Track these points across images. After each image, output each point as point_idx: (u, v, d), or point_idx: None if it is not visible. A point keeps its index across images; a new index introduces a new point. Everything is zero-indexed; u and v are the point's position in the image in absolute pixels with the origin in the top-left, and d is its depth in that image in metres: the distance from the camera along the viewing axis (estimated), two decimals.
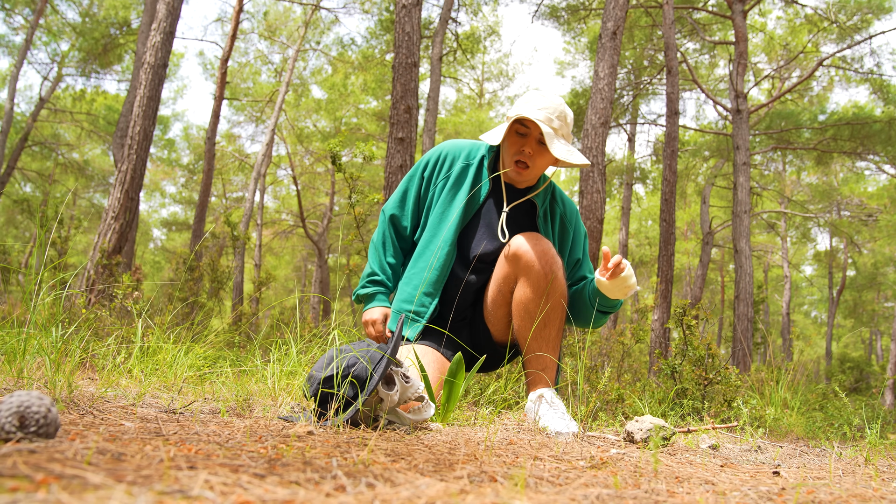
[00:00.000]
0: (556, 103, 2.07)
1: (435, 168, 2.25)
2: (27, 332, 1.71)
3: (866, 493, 1.09)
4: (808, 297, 33.30)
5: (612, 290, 2.01)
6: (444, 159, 2.25)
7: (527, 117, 2.02)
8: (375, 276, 2.25)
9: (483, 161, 2.23)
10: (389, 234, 2.29)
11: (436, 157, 2.27)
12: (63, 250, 6.57)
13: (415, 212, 2.28)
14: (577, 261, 2.30)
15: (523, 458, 1.22)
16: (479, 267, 2.18)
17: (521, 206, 2.22)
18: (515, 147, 2.10)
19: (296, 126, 20.63)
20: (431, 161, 2.27)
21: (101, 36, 15.82)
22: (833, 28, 13.48)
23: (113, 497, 0.58)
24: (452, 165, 2.23)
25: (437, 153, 2.27)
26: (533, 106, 2.05)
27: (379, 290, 2.24)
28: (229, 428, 1.28)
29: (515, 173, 2.13)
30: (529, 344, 2.04)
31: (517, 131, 2.10)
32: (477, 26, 16.83)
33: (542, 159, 2.11)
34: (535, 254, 2.01)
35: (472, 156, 2.24)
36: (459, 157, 2.24)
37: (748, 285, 10.44)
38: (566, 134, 2.11)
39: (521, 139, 2.10)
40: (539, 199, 2.23)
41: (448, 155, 2.25)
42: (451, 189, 2.20)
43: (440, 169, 2.25)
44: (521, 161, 2.10)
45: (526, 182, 2.21)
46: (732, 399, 3.33)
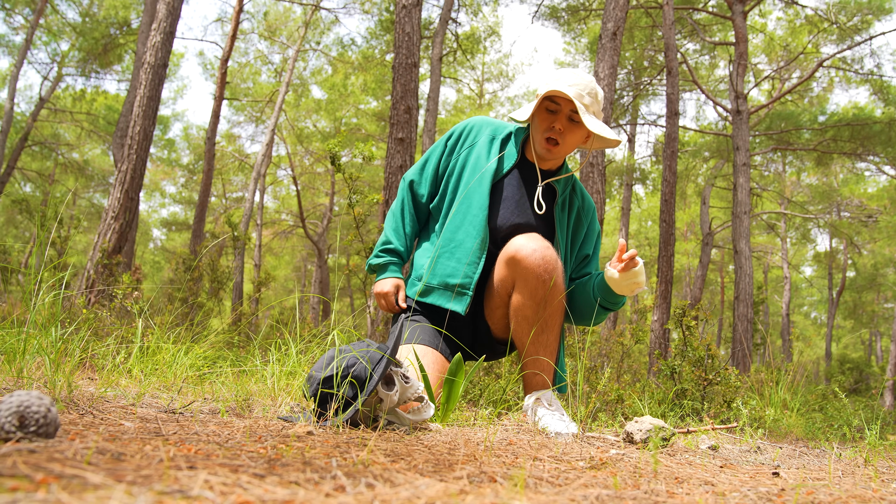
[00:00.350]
0: (588, 80, 2.05)
1: (460, 139, 2.23)
2: (27, 331, 1.71)
3: (866, 494, 1.09)
4: (808, 298, 33.31)
5: (621, 286, 1.97)
6: (469, 131, 2.23)
7: (559, 92, 1.97)
8: (389, 245, 2.21)
9: (510, 136, 2.20)
10: (408, 201, 2.26)
11: (462, 128, 2.25)
12: (63, 250, 6.57)
13: (433, 180, 2.25)
14: (586, 257, 2.26)
15: (523, 458, 1.22)
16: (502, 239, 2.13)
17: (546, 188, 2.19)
18: (546, 123, 2.06)
19: (296, 126, 20.63)
20: (457, 132, 2.25)
21: (101, 36, 15.82)
22: (833, 29, 13.49)
23: (113, 497, 0.58)
24: (478, 136, 2.22)
25: (465, 125, 2.26)
26: (564, 81, 2.02)
27: (392, 259, 2.20)
28: (229, 428, 1.28)
29: (545, 150, 2.09)
30: (527, 349, 2.02)
31: (547, 108, 2.06)
32: (477, 27, 16.84)
33: (573, 136, 2.08)
34: (534, 258, 1.95)
35: (499, 131, 2.22)
36: (486, 130, 2.22)
37: (748, 286, 10.44)
38: (597, 111, 2.07)
39: (551, 116, 2.06)
40: (560, 186, 2.20)
41: (475, 127, 2.24)
42: (476, 158, 2.18)
43: (465, 139, 2.23)
44: (551, 138, 2.06)
45: (554, 160, 2.17)
46: (732, 400, 3.33)
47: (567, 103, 2.02)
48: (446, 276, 2.10)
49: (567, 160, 2.28)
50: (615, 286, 1.98)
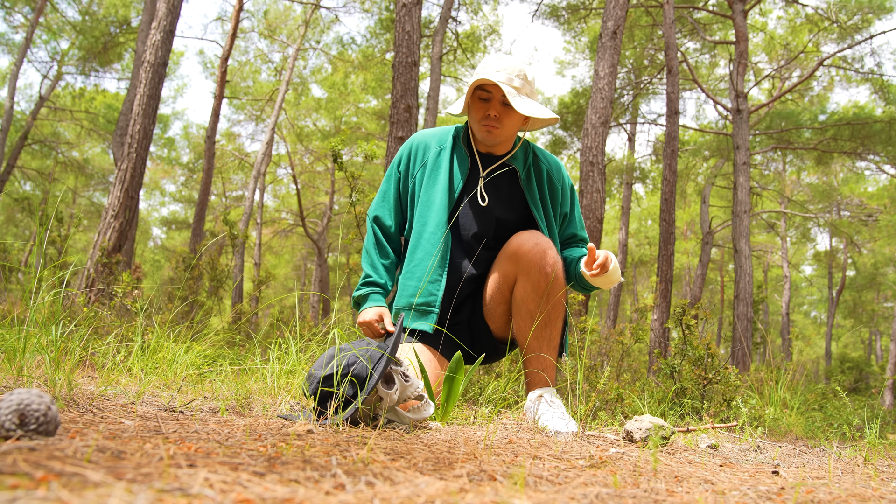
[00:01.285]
0: (514, 63, 2.05)
1: (409, 162, 2.23)
2: (27, 330, 1.71)
3: (865, 493, 1.09)
4: (808, 297, 33.32)
5: (597, 283, 2.07)
6: (416, 151, 2.23)
7: (486, 80, 1.99)
8: (368, 278, 2.21)
9: (456, 142, 2.21)
10: (377, 235, 2.26)
11: (407, 151, 2.25)
12: (62, 249, 6.57)
13: (397, 209, 2.25)
14: (566, 215, 2.30)
15: (522, 457, 1.22)
16: (475, 248, 2.16)
17: (506, 173, 2.19)
18: (480, 112, 2.07)
19: (296, 125, 20.62)
20: (404, 156, 2.25)
21: (100, 34, 15.81)
22: (834, 28, 13.48)
23: (113, 494, 0.59)
24: (426, 153, 2.21)
25: (408, 147, 2.25)
26: (491, 68, 2.03)
27: (373, 290, 2.19)
28: (229, 426, 1.28)
29: (486, 134, 2.09)
30: (530, 343, 2.03)
31: (479, 97, 2.07)
32: (477, 25, 16.82)
33: (510, 120, 2.08)
34: (536, 253, 2.00)
35: (443, 140, 2.22)
36: (432, 145, 2.22)
37: (748, 285, 10.44)
38: (530, 92, 2.08)
39: (484, 104, 2.07)
40: (518, 162, 2.19)
41: (419, 146, 2.23)
42: (431, 175, 2.18)
43: (414, 161, 2.22)
44: (487, 124, 2.07)
45: (500, 144, 2.16)
46: (732, 399, 3.33)
47: (497, 89, 2.03)
48: (409, 296, 2.12)
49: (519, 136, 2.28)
50: (591, 282, 2.08)
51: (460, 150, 2.19)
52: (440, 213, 2.12)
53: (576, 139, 17.23)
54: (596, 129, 6.45)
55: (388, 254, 2.26)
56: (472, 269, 2.15)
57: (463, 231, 2.16)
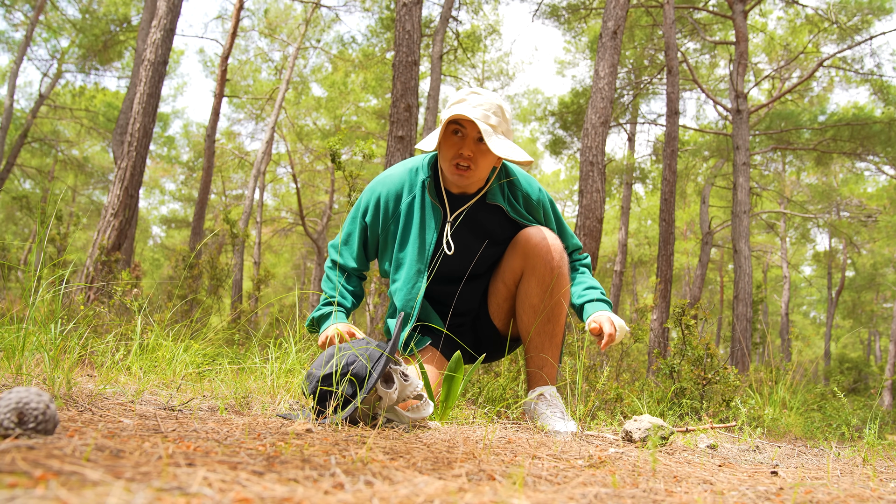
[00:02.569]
0: (491, 99, 1.94)
1: (377, 214, 2.09)
2: (26, 328, 1.71)
3: (864, 494, 1.09)
4: (807, 298, 33.34)
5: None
6: (385, 203, 2.08)
7: (462, 115, 1.88)
8: (332, 299, 2.09)
9: (425, 187, 2.07)
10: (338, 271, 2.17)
11: (374, 201, 2.10)
12: (62, 247, 6.56)
13: (360, 254, 2.15)
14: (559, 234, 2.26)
15: (522, 456, 1.22)
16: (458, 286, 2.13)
17: (486, 208, 2.10)
18: (453, 150, 1.95)
19: (296, 124, 20.62)
20: (371, 206, 2.10)
21: (101, 32, 15.80)
22: (833, 28, 13.48)
23: (111, 493, 0.58)
24: (398, 205, 2.08)
25: (375, 197, 2.10)
26: (467, 104, 1.92)
27: (339, 309, 2.07)
28: (228, 425, 1.28)
29: (457, 177, 1.96)
30: (533, 340, 2.04)
31: (453, 131, 1.95)
32: (477, 25, 16.82)
33: (485, 160, 1.96)
34: (544, 246, 2.00)
35: (413, 186, 2.08)
36: (402, 194, 2.08)
37: (747, 285, 10.45)
38: (506, 130, 1.97)
39: (458, 140, 1.95)
40: (497, 198, 2.09)
41: (388, 197, 2.08)
42: (404, 229, 2.07)
43: (384, 214, 2.09)
44: (460, 164, 1.95)
45: (474, 185, 2.06)
46: (731, 399, 3.34)
47: (473, 126, 1.92)
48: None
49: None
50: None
51: (429, 200, 2.06)
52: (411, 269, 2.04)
53: (576, 139, 17.23)
54: (596, 129, 6.45)
55: (353, 284, 2.19)
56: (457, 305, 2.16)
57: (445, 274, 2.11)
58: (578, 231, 6.30)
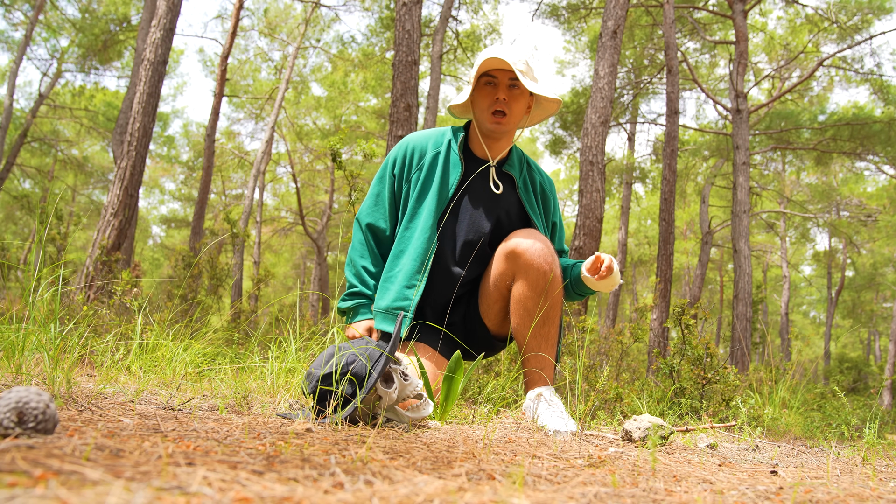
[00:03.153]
0: (517, 50, 2.06)
1: (404, 164, 2.18)
2: (26, 328, 1.71)
3: (864, 493, 1.09)
4: (807, 297, 33.35)
5: (598, 286, 2.09)
6: (411, 153, 2.18)
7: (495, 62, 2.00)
8: (354, 289, 2.16)
9: (451, 144, 2.18)
10: (367, 240, 2.20)
11: (402, 152, 2.19)
12: (62, 247, 6.56)
13: (392, 212, 2.20)
14: (554, 224, 2.33)
15: (521, 456, 1.22)
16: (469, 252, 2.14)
17: (502, 178, 2.19)
18: (489, 99, 2.07)
19: (295, 123, 20.61)
20: (399, 158, 2.19)
21: (100, 32, 15.79)
22: (833, 28, 13.48)
23: (111, 493, 0.58)
24: (423, 157, 2.17)
25: (404, 148, 2.19)
26: (496, 53, 2.03)
27: (360, 301, 2.14)
28: (228, 425, 1.28)
29: (495, 124, 2.08)
30: (529, 342, 2.04)
31: (486, 83, 2.08)
32: (477, 24, 16.82)
33: (517, 104, 2.09)
34: (534, 251, 2.00)
35: (439, 143, 2.18)
36: (428, 147, 2.18)
37: (747, 285, 10.45)
38: (532, 77, 2.09)
39: (491, 90, 2.07)
40: (514, 170, 2.20)
41: (415, 148, 2.18)
42: (425, 179, 2.14)
43: (410, 164, 2.17)
44: (497, 110, 2.06)
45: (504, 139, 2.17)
46: (731, 398, 3.34)
47: (504, 74, 2.04)
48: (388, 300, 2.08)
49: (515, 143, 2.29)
50: (592, 286, 2.10)
51: (455, 155, 2.16)
52: (429, 218, 2.09)
53: (575, 139, 17.23)
54: (596, 129, 6.45)
55: (377, 260, 2.20)
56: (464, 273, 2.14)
57: (458, 235, 2.14)
58: (578, 230, 6.30)
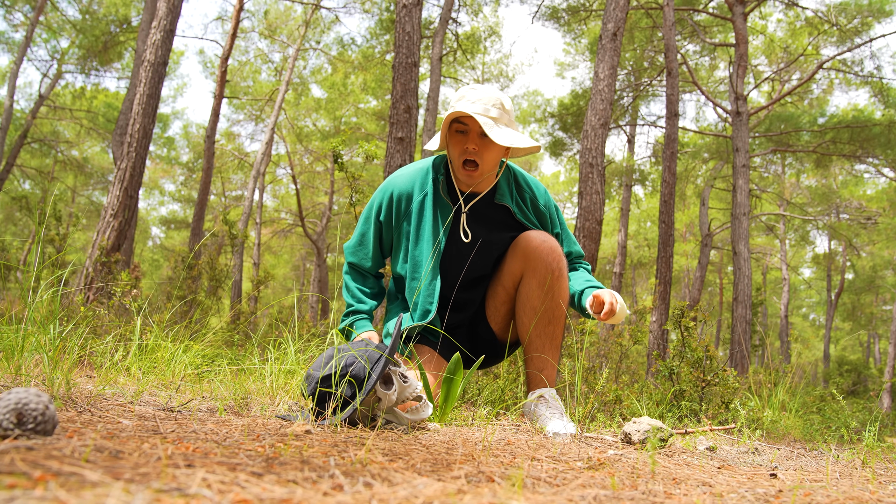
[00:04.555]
0: (490, 93, 1.99)
1: (391, 212, 2.14)
2: (25, 328, 1.71)
3: (863, 496, 1.09)
4: (807, 300, 33.33)
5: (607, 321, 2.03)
6: (398, 201, 2.12)
7: (461, 113, 1.93)
8: (351, 307, 2.18)
9: (437, 184, 2.11)
10: (355, 273, 2.23)
11: (388, 199, 2.14)
12: (61, 248, 6.56)
13: (375, 253, 2.20)
14: (557, 234, 2.29)
15: (521, 458, 1.22)
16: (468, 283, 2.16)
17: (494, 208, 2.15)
18: (459, 147, 2.01)
19: (295, 125, 20.62)
20: (385, 205, 2.14)
21: (101, 33, 15.80)
22: (833, 31, 13.50)
23: (110, 494, 0.58)
24: (410, 203, 2.12)
25: (389, 194, 2.14)
26: (466, 101, 1.98)
27: (359, 317, 2.16)
28: (227, 426, 1.28)
29: (467, 176, 2.03)
30: (533, 341, 2.04)
31: (457, 130, 2.01)
32: (477, 27, 16.83)
33: (490, 153, 2.01)
34: (544, 248, 2.02)
35: (425, 184, 2.12)
36: (414, 191, 2.12)
37: (747, 287, 10.45)
38: (508, 121, 2.01)
39: (462, 137, 2.00)
40: (506, 198, 2.14)
41: (401, 195, 2.12)
42: (418, 225, 2.11)
43: (397, 211, 2.13)
44: (468, 160, 2.01)
45: (483, 183, 2.11)
46: (730, 401, 3.34)
47: (474, 122, 1.97)
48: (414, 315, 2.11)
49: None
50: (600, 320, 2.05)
51: (441, 197, 2.10)
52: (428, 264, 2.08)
53: (575, 141, 17.24)
54: (595, 131, 6.46)
55: (372, 283, 2.24)
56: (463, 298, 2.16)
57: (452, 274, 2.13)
58: (578, 233, 6.30)
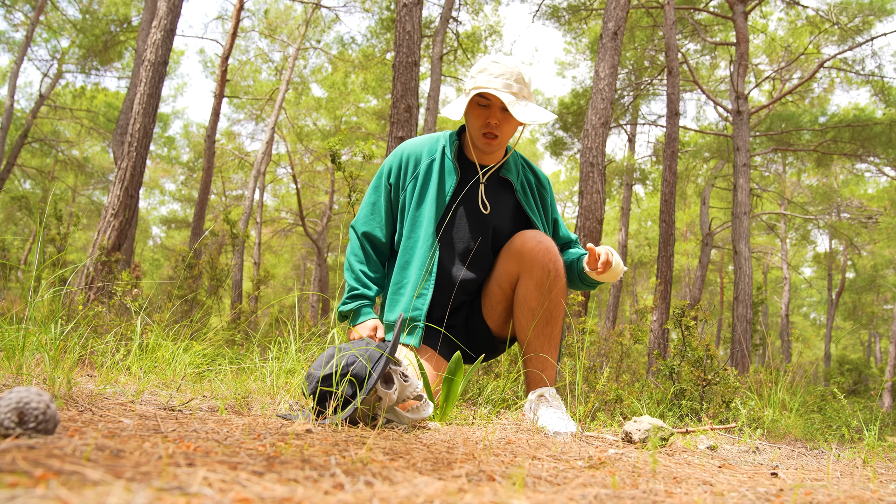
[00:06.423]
0: (512, 65, 2.03)
1: (400, 173, 2.18)
2: (26, 328, 1.71)
3: (864, 495, 1.09)
4: (808, 299, 33.31)
5: (602, 278, 2.10)
6: (406, 162, 2.17)
7: (484, 88, 1.98)
8: (355, 291, 2.13)
9: (445, 151, 2.17)
10: (364, 247, 2.19)
11: (398, 161, 2.19)
12: (62, 247, 6.56)
13: (388, 220, 2.19)
14: (555, 220, 2.34)
15: (521, 457, 1.22)
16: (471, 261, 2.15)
17: (499, 184, 2.20)
18: (480, 120, 2.06)
19: (296, 124, 20.62)
20: (394, 166, 2.18)
21: (101, 33, 15.80)
22: (834, 30, 13.48)
23: (112, 493, 0.58)
24: (418, 165, 2.17)
25: (399, 157, 2.19)
26: (489, 74, 2.01)
27: (362, 303, 2.13)
28: (228, 426, 1.28)
29: (485, 144, 2.09)
30: (531, 342, 2.04)
31: (478, 103, 2.06)
32: (478, 26, 16.82)
33: (509, 126, 2.08)
34: (539, 251, 2.02)
35: (433, 150, 2.18)
36: (423, 155, 2.18)
37: (747, 287, 10.44)
38: (527, 95, 2.06)
39: (484, 111, 2.05)
40: (512, 174, 2.21)
41: (410, 156, 2.18)
42: (422, 188, 2.14)
43: (405, 172, 2.17)
44: (488, 133, 2.07)
45: (496, 153, 2.17)
46: (731, 400, 3.33)
47: (497, 97, 2.02)
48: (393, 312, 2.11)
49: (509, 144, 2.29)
50: (596, 277, 2.10)
51: (450, 162, 2.15)
52: (429, 227, 2.10)
53: (576, 140, 17.23)
54: (596, 130, 6.45)
55: (377, 267, 2.21)
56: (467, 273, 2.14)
57: (458, 242, 2.14)
58: (578, 232, 6.30)
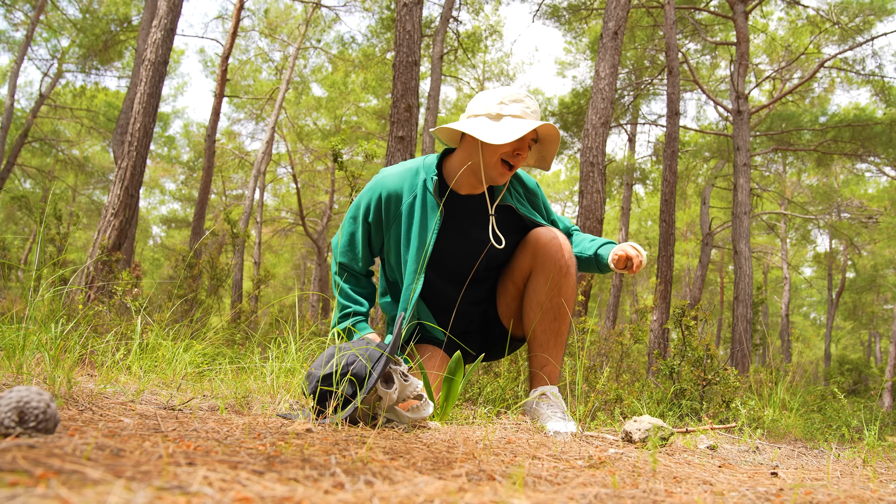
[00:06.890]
0: (531, 99, 2.02)
1: (380, 214, 2.09)
2: (26, 327, 1.71)
3: (864, 495, 1.09)
4: (808, 299, 33.32)
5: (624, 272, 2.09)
6: (386, 202, 2.07)
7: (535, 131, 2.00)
8: (347, 309, 2.13)
9: (427, 185, 2.07)
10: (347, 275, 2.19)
11: (376, 200, 2.08)
12: (62, 247, 6.56)
13: (365, 253, 2.15)
14: (552, 222, 2.32)
15: (521, 457, 1.22)
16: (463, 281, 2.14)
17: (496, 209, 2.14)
18: (511, 146, 1.97)
19: (296, 124, 20.62)
20: (373, 206, 2.09)
21: (101, 32, 15.79)
22: (835, 30, 13.48)
23: (112, 492, 0.59)
24: (399, 205, 2.07)
25: (377, 195, 2.08)
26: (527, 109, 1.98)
27: (357, 318, 2.12)
28: (228, 425, 1.28)
29: (499, 175, 2.01)
30: (538, 337, 2.05)
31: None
32: (478, 25, 16.82)
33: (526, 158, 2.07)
34: (553, 246, 2.03)
35: (414, 186, 2.08)
36: (403, 192, 2.07)
37: (747, 286, 10.44)
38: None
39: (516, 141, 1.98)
40: (507, 197, 2.15)
41: (390, 196, 2.07)
42: (406, 228, 2.07)
43: (386, 214, 2.09)
44: (508, 162, 1.99)
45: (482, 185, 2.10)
46: (731, 400, 3.33)
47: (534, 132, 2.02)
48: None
49: None
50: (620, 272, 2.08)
51: (431, 198, 2.06)
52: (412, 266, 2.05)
53: (576, 139, 17.23)
54: (596, 130, 6.45)
55: (364, 283, 2.21)
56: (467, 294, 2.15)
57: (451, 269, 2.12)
58: None
